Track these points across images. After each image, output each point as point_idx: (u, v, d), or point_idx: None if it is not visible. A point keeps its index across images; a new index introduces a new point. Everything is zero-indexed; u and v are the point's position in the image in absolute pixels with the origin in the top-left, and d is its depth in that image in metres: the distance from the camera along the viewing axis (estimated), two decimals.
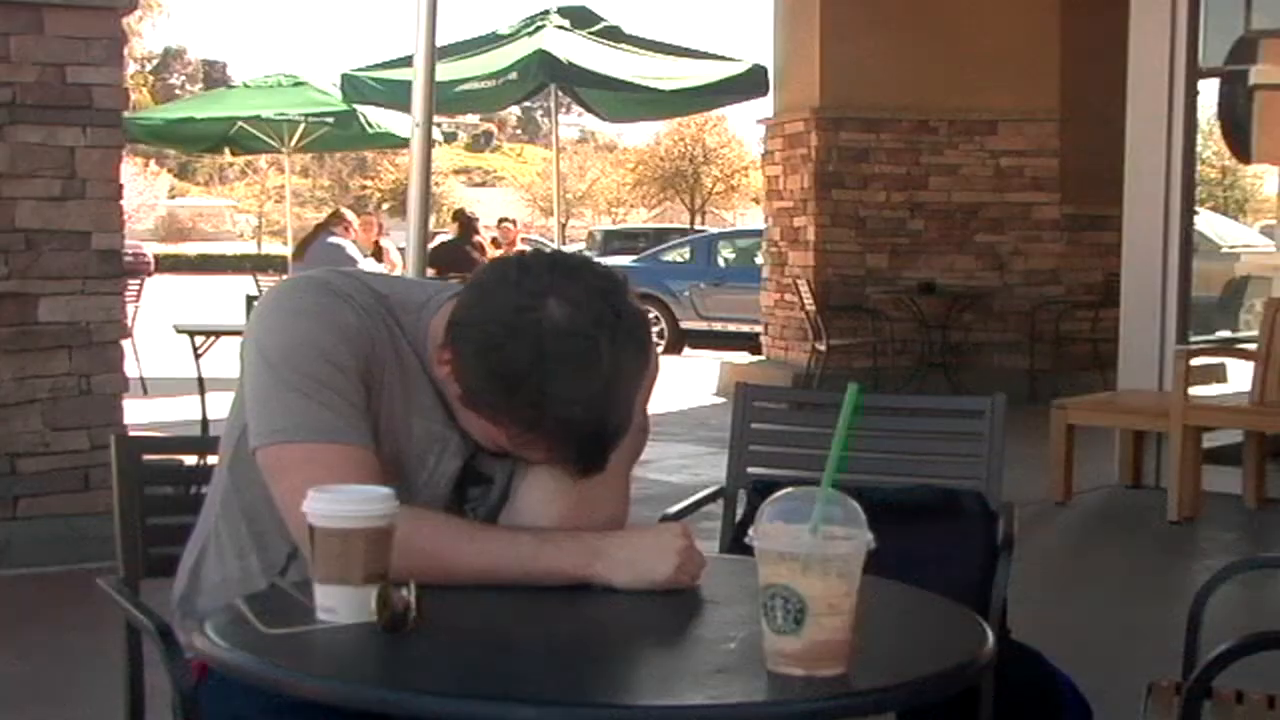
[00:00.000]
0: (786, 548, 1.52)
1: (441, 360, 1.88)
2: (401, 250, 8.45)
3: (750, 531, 1.56)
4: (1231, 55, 7.63)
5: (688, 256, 18.07)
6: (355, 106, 12.89)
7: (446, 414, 1.95)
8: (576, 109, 13.01)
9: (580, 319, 1.78)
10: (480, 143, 66.35)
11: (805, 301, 10.28)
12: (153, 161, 47.05)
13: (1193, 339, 7.26)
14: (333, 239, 10.12)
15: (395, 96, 10.53)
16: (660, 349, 16.78)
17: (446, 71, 9.66)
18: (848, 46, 10.37)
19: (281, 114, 13.67)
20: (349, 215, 10.88)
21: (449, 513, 1.97)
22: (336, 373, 1.88)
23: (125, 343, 5.66)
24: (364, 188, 53.65)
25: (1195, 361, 6.59)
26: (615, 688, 1.64)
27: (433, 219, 10.63)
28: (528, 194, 52.26)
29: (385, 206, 46.81)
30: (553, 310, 1.78)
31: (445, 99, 9.85)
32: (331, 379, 1.87)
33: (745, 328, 14.74)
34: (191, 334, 7.42)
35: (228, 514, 2.04)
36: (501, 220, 16.82)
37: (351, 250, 10.09)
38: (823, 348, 10.15)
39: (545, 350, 1.77)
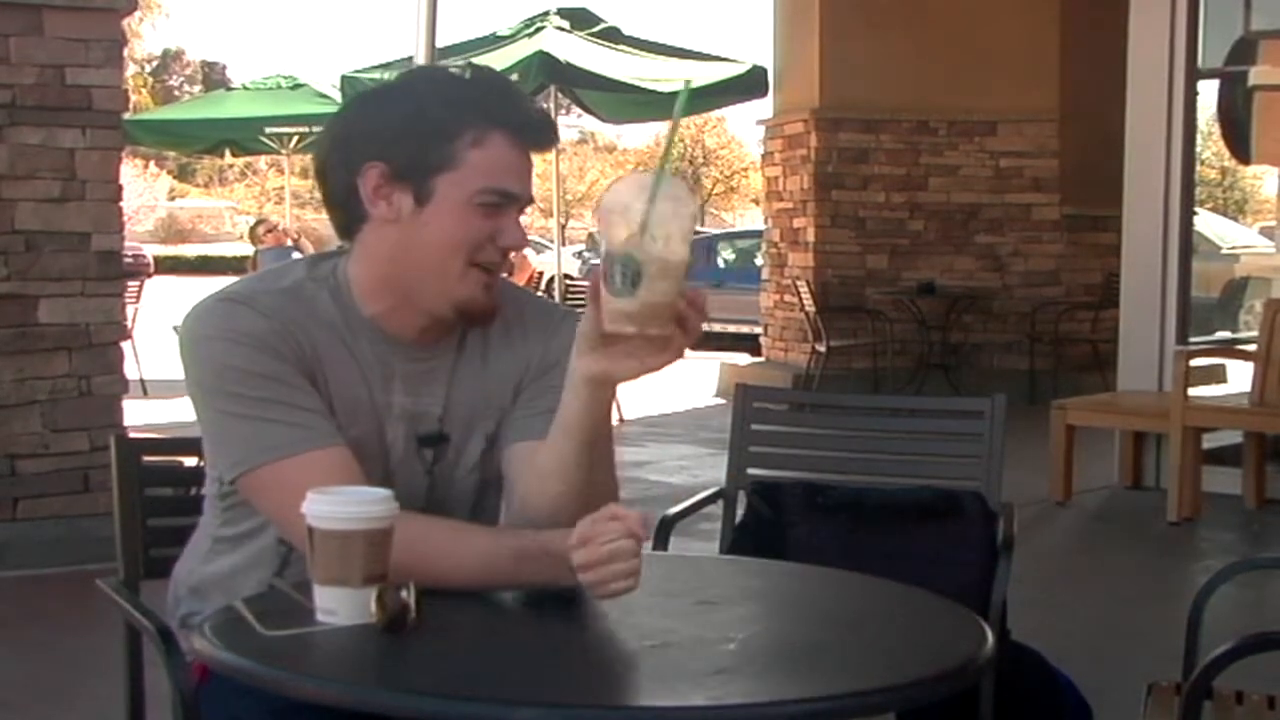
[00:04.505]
0: (626, 208, 1.65)
1: (369, 188, 1.88)
2: None
3: (594, 209, 1.68)
4: (1231, 55, 7.63)
5: None
6: None
7: (388, 381, 1.93)
8: (576, 110, 12.99)
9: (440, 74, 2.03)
10: None
11: (805, 303, 10.26)
12: (152, 163, 46.93)
13: (1192, 340, 7.26)
14: (267, 251, 11.72)
15: None
16: None
17: None
18: (847, 47, 10.37)
19: (276, 127, 13.81)
20: (272, 219, 12.22)
21: (414, 472, 1.95)
22: (266, 382, 1.85)
23: (125, 344, 5.66)
24: None
25: (1195, 362, 6.59)
26: (615, 688, 1.64)
27: None
28: None
29: None
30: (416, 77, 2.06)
31: None
32: (264, 390, 1.84)
33: (745, 329, 14.71)
34: None
35: (225, 526, 2.04)
36: None
37: (293, 255, 11.58)
38: (822, 349, 10.13)
39: (417, 88, 1.93)
